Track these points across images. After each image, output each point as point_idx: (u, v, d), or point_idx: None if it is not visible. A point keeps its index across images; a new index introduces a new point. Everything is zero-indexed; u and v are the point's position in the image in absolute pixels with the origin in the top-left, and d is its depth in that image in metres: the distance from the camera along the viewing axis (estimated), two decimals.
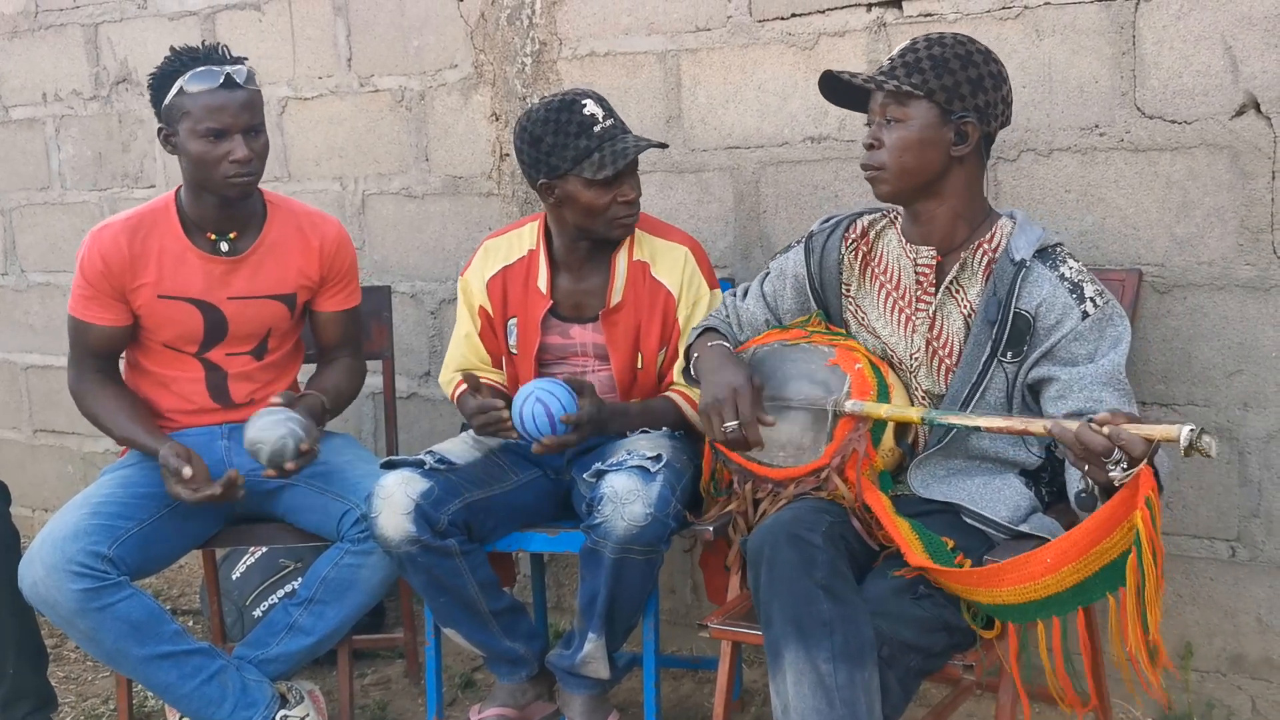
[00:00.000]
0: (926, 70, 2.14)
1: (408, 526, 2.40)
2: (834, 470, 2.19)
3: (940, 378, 2.23)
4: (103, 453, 4.12)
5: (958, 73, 2.14)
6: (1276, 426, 2.49)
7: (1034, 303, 2.13)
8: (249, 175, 2.57)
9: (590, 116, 2.51)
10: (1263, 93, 2.40)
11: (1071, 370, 2.10)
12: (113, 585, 2.43)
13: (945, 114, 2.14)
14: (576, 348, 2.68)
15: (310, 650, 2.66)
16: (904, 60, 2.16)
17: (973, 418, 2.07)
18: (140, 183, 3.96)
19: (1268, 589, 2.55)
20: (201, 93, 2.53)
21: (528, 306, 2.67)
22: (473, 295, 2.74)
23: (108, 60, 3.95)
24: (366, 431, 3.64)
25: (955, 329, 2.22)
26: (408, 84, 3.42)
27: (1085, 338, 2.10)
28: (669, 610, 3.21)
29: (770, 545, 2.06)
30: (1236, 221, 2.46)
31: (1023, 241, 2.17)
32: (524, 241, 2.71)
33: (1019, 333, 2.14)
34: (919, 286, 2.24)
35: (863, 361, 2.23)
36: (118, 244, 2.63)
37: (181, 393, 2.75)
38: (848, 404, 2.18)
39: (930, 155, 2.16)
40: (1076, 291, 2.12)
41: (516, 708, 2.66)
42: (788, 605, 1.99)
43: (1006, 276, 2.14)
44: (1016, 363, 2.16)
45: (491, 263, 2.72)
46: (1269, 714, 2.60)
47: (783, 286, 2.43)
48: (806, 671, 1.94)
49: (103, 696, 3.18)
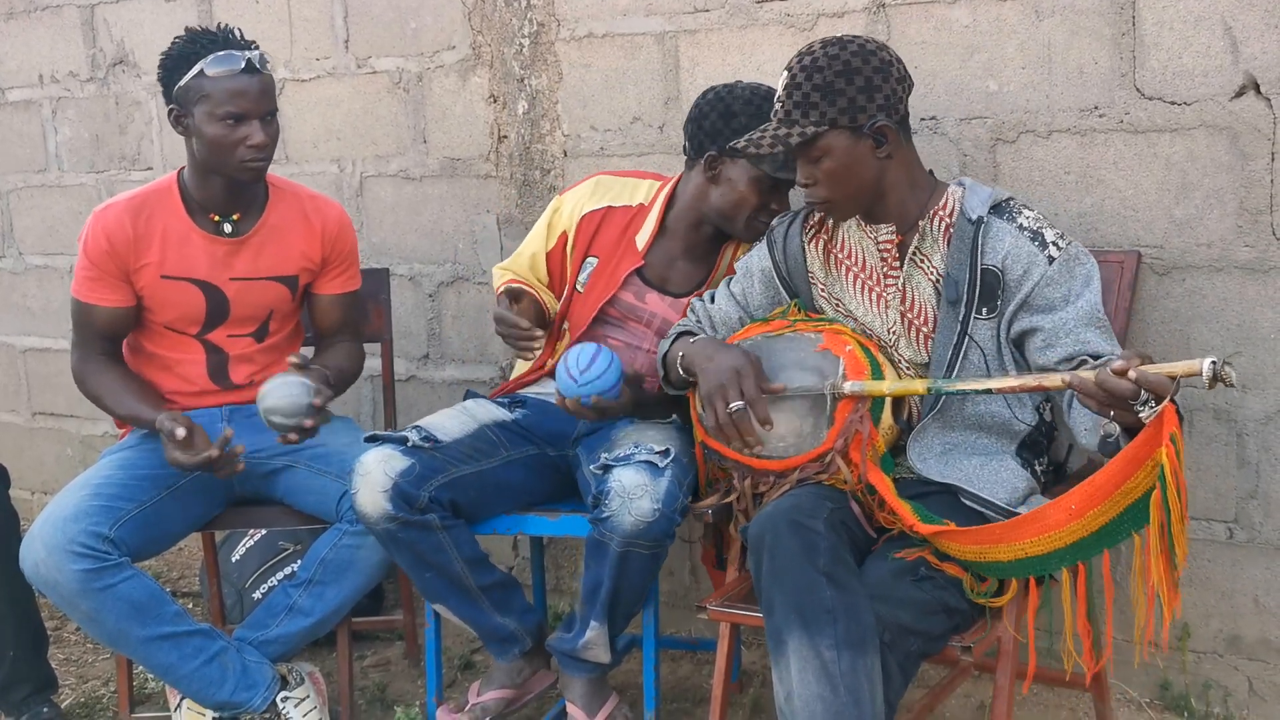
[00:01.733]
0: (818, 102, 2.15)
1: (384, 504, 2.40)
2: (838, 453, 2.18)
3: (921, 346, 2.25)
4: (101, 435, 4.13)
5: (847, 89, 2.14)
6: (1274, 408, 2.49)
7: (999, 256, 2.16)
8: (263, 160, 2.59)
9: None
10: (1262, 74, 2.40)
11: (1051, 316, 2.12)
12: (114, 566, 2.43)
13: (855, 130, 2.16)
14: (645, 315, 2.64)
15: (310, 631, 2.67)
16: (794, 101, 2.17)
17: (982, 380, 2.07)
18: (138, 165, 3.95)
19: (1265, 570, 2.56)
20: (223, 76, 2.53)
21: (617, 256, 2.63)
22: (562, 216, 2.70)
23: (104, 42, 3.94)
24: (365, 414, 3.64)
25: (926, 297, 2.24)
26: (405, 66, 3.41)
27: (1056, 281, 2.13)
28: (668, 592, 3.21)
29: (771, 532, 2.06)
30: (1236, 203, 2.46)
31: (975, 201, 2.21)
32: (638, 193, 2.68)
33: (989, 288, 2.17)
34: (884, 264, 2.27)
35: (852, 343, 2.23)
36: (122, 223, 2.63)
37: (183, 374, 2.75)
38: (847, 385, 2.17)
39: (862, 171, 2.19)
40: (1038, 239, 2.16)
41: (514, 686, 2.67)
42: (790, 593, 1.99)
43: (966, 236, 2.18)
44: (994, 319, 2.18)
45: (598, 197, 2.68)
46: (1265, 694, 2.61)
47: (750, 284, 2.44)
48: (810, 659, 1.94)
49: (103, 679, 3.19)
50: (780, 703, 1.99)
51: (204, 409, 2.73)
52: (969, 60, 2.66)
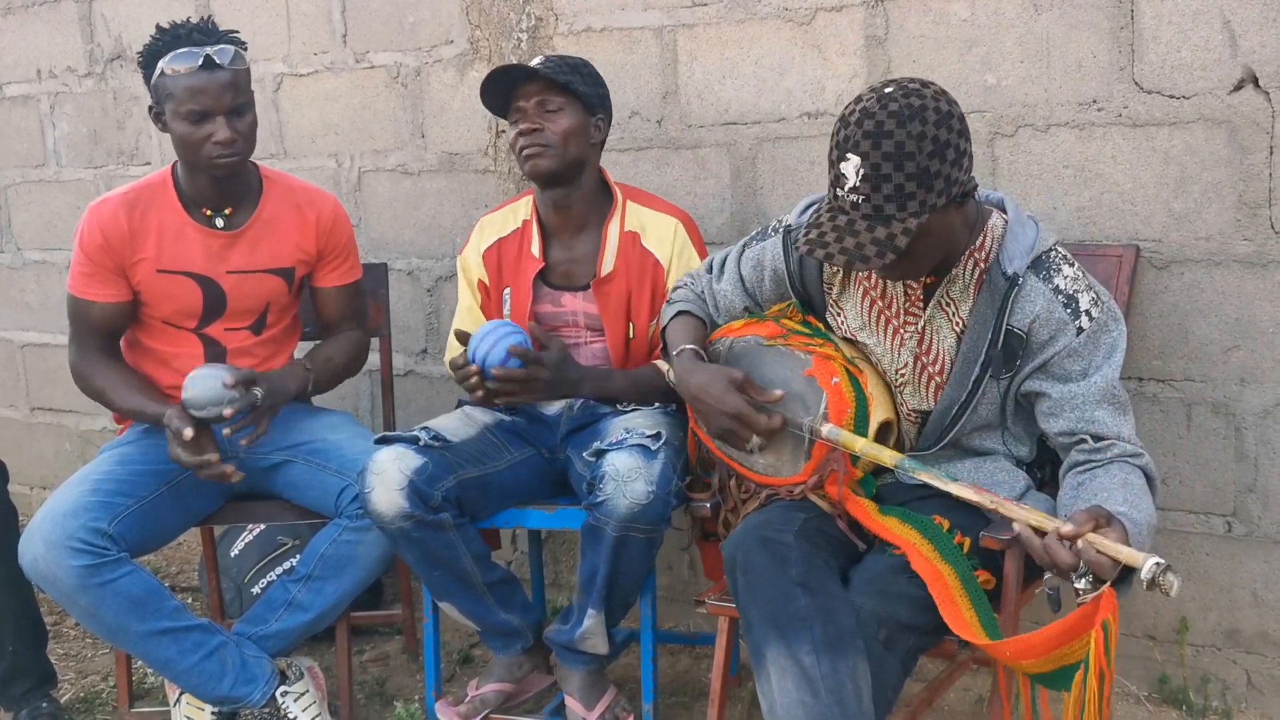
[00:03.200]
0: (915, 192, 1.91)
1: (401, 502, 2.41)
2: (809, 490, 2.19)
3: (929, 394, 2.18)
4: (100, 430, 4.13)
5: (942, 169, 1.92)
6: (1273, 402, 2.49)
7: (1027, 319, 2.05)
8: (233, 155, 2.56)
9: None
10: (1261, 67, 2.39)
11: (1064, 387, 2.04)
12: (113, 561, 2.43)
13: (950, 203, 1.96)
14: (568, 316, 2.69)
15: (309, 626, 2.67)
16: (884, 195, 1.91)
17: (945, 482, 2.00)
18: (136, 160, 3.95)
19: (1263, 564, 2.56)
20: (181, 74, 2.51)
21: (520, 273, 2.69)
22: (471, 270, 2.78)
23: (102, 37, 3.93)
24: (364, 409, 3.64)
25: (946, 345, 2.14)
26: (403, 60, 3.41)
27: (1079, 354, 2.03)
28: (666, 586, 3.22)
29: (742, 552, 2.06)
30: (1234, 197, 2.46)
31: (1016, 250, 2.06)
32: (519, 214, 2.75)
33: (1011, 350, 2.07)
34: (908, 300, 2.16)
35: (840, 375, 2.16)
36: (117, 218, 2.63)
37: (181, 369, 2.73)
38: (824, 429, 2.12)
39: (950, 236, 2.03)
40: (1071, 305, 2.04)
41: (513, 681, 2.68)
42: (764, 606, 1.99)
43: (999, 293, 2.05)
44: (1008, 378, 2.11)
45: (487, 236, 2.77)
46: (1264, 688, 2.61)
47: (761, 277, 2.37)
48: (789, 667, 1.93)
49: (102, 673, 3.19)
50: (766, 715, 1.97)
51: None
52: (967, 54, 2.66)
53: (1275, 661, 2.59)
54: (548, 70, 2.54)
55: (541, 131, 2.56)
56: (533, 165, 2.58)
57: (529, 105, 2.57)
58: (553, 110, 2.57)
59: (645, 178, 3.07)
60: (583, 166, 2.63)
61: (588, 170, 2.65)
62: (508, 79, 2.58)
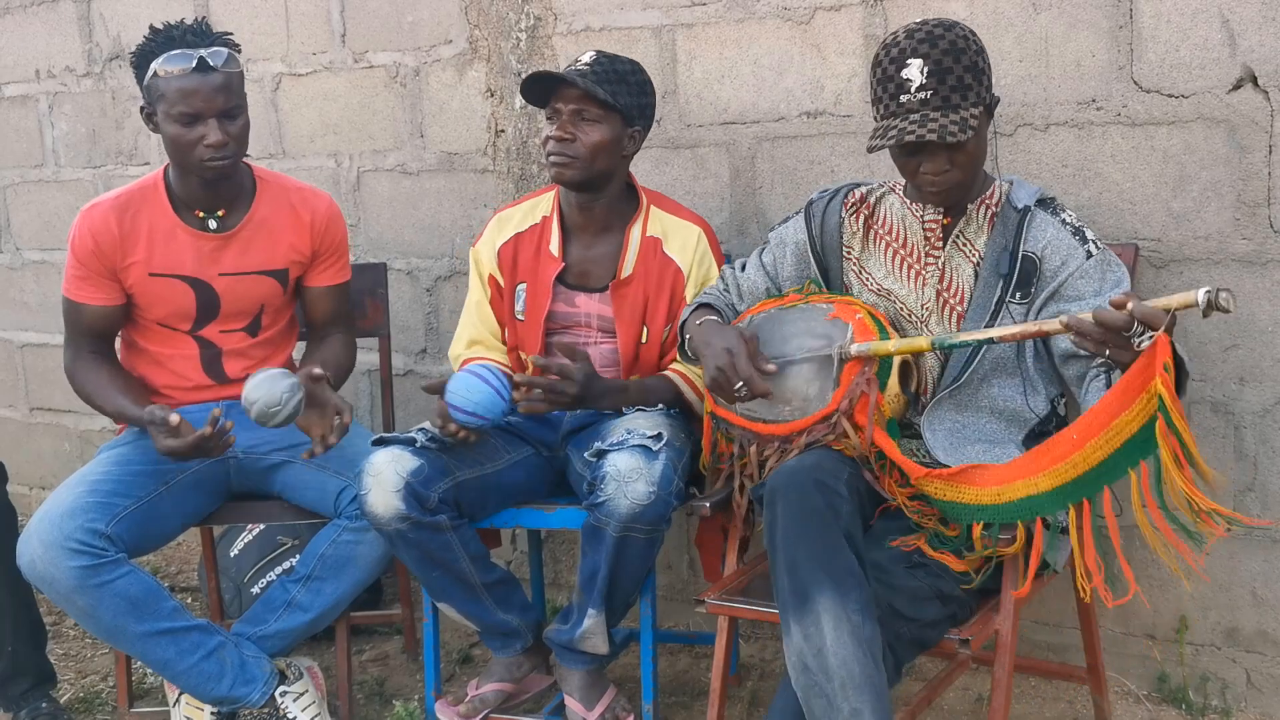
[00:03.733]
0: (972, 84, 2.13)
1: (398, 504, 2.41)
2: (843, 415, 2.19)
3: (951, 325, 2.28)
4: (99, 430, 4.13)
5: (985, 68, 2.16)
6: (1272, 400, 2.49)
7: (1040, 244, 2.21)
8: (224, 158, 2.55)
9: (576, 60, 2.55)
10: (1260, 66, 2.39)
11: (1080, 304, 2.14)
12: (110, 562, 2.43)
13: (989, 113, 2.19)
14: (581, 318, 2.68)
15: (308, 627, 2.67)
16: (950, 86, 2.11)
17: (984, 331, 2.10)
18: (135, 160, 3.95)
19: (1262, 562, 2.56)
20: (173, 76, 2.51)
21: (538, 271, 2.68)
22: (483, 264, 2.75)
23: (100, 36, 3.93)
24: (363, 409, 3.64)
25: (965, 278, 2.27)
26: (402, 60, 3.41)
27: (1090, 275, 2.17)
28: (666, 586, 3.22)
29: (795, 488, 2.03)
30: (1233, 196, 2.45)
31: (1023, 194, 2.26)
32: (538, 210, 2.72)
33: (1026, 274, 2.21)
34: (927, 243, 2.30)
35: (862, 312, 2.26)
36: (107, 222, 2.63)
37: (176, 370, 2.75)
38: (853, 347, 2.19)
39: (985, 149, 2.23)
40: (1079, 234, 2.21)
41: (513, 681, 2.68)
42: (816, 549, 1.97)
43: (1012, 222, 2.23)
44: (1025, 304, 2.21)
45: (504, 231, 2.74)
46: (1263, 686, 2.61)
47: (783, 254, 2.46)
48: (844, 620, 1.92)
49: (102, 673, 3.19)
50: (806, 659, 1.93)
51: (200, 404, 2.73)
52: None
53: (1274, 660, 2.59)
54: (590, 81, 2.50)
55: (572, 142, 2.53)
56: (558, 173, 2.57)
57: (566, 109, 2.54)
58: (589, 120, 2.54)
59: (645, 178, 3.06)
60: (610, 176, 2.62)
61: (615, 178, 2.64)
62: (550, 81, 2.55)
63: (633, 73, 2.59)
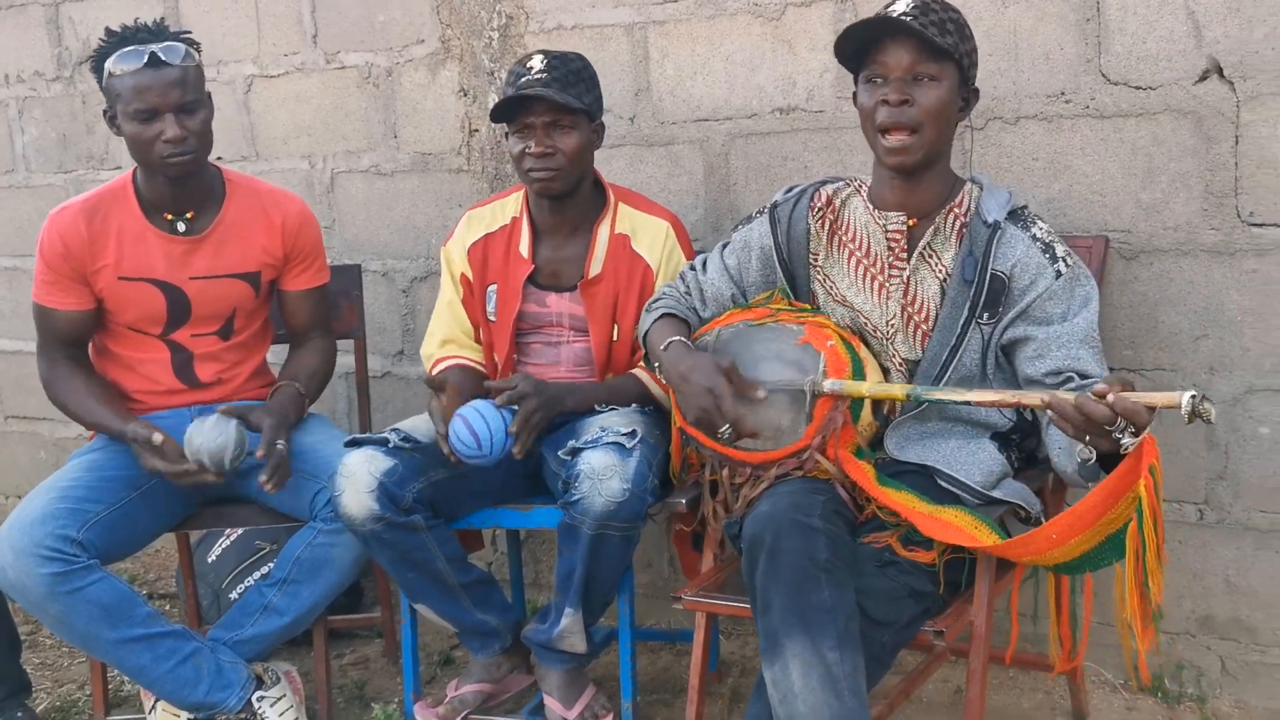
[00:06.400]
0: (953, 32, 2.11)
1: (371, 505, 2.40)
2: (815, 450, 2.18)
3: (916, 343, 2.23)
4: (74, 438, 4.10)
5: (970, 40, 2.15)
6: (1242, 390, 2.51)
7: (1009, 263, 2.15)
8: (185, 154, 2.54)
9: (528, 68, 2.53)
10: (1225, 57, 2.41)
11: (1048, 329, 2.12)
12: (82, 569, 2.42)
13: (964, 81, 2.15)
14: (553, 317, 2.68)
15: (285, 631, 2.66)
16: (932, 18, 2.09)
17: (960, 392, 2.07)
18: (106, 164, 3.92)
19: (1235, 550, 2.58)
20: (127, 74, 2.50)
21: (508, 272, 2.68)
22: (454, 264, 2.75)
23: (70, 40, 3.91)
24: (340, 411, 3.63)
25: (931, 294, 2.21)
26: (374, 60, 3.40)
27: (1059, 297, 2.13)
28: (646, 584, 3.22)
29: (772, 533, 2.03)
30: (1201, 186, 2.47)
31: (993, 204, 2.19)
32: (507, 210, 2.72)
33: (995, 294, 2.15)
34: (890, 253, 2.24)
35: (834, 338, 2.22)
36: (76, 226, 2.61)
37: (148, 374, 2.73)
38: (826, 384, 2.16)
39: (947, 122, 2.16)
40: (1049, 251, 2.15)
41: (493, 681, 2.68)
42: (790, 593, 1.97)
43: (981, 238, 2.16)
44: (992, 323, 2.17)
45: (474, 230, 2.73)
46: (1238, 674, 2.63)
47: (748, 259, 2.41)
48: (814, 664, 1.92)
49: (78, 682, 3.17)
50: (775, 703, 1.96)
51: (172, 409, 2.72)
52: None
53: (1248, 647, 2.61)
54: (556, 90, 2.48)
55: (553, 155, 2.52)
56: (544, 187, 2.56)
57: (539, 123, 2.52)
58: (563, 128, 2.53)
59: (618, 175, 3.07)
60: (586, 176, 2.63)
61: (587, 177, 2.65)
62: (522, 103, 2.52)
63: (584, 67, 2.59)
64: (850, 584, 2.00)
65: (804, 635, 1.93)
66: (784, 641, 1.95)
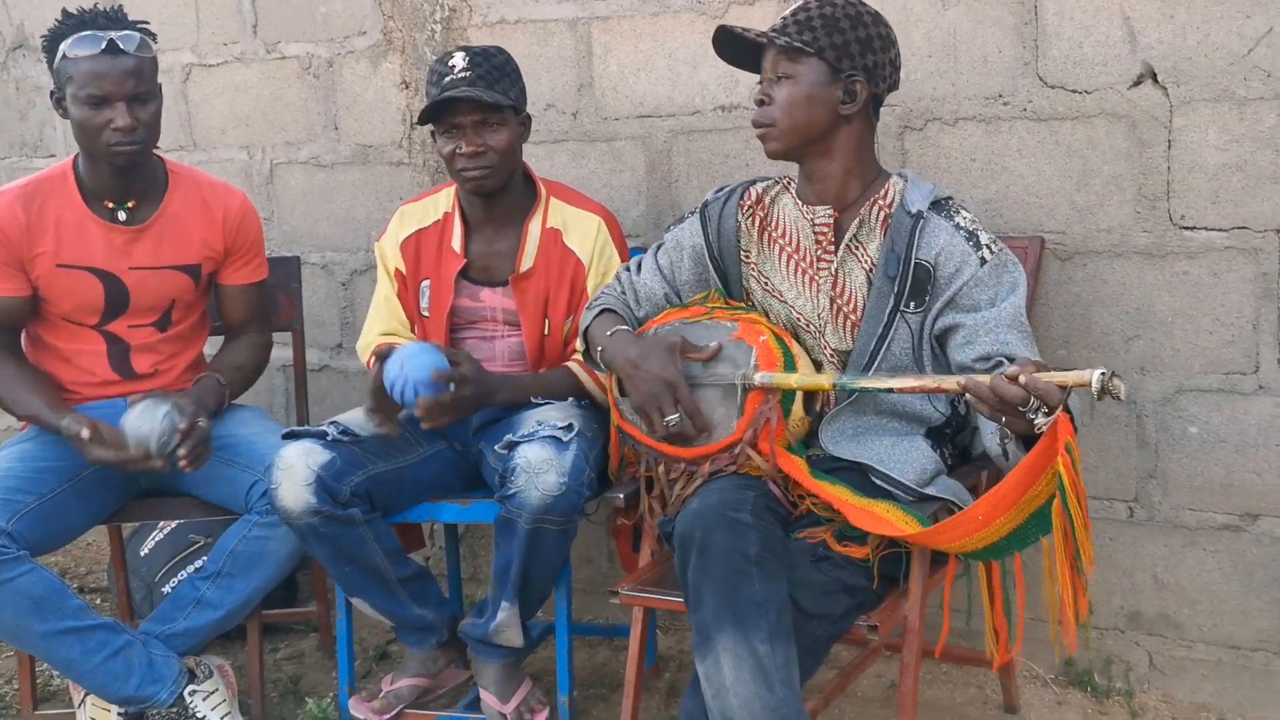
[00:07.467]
0: (817, 28, 2.17)
1: (308, 498, 2.38)
2: (747, 444, 2.19)
3: (847, 334, 2.25)
4: (3, 429, 4.02)
5: (847, 32, 2.18)
6: (1171, 390, 2.56)
7: (933, 252, 2.17)
8: (133, 144, 2.51)
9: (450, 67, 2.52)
10: (1159, 63, 2.45)
11: (975, 316, 2.14)
12: (11, 560, 2.37)
13: (835, 72, 2.18)
14: (486, 311, 2.67)
15: (218, 624, 2.63)
16: (795, 19, 2.20)
17: (884, 380, 2.09)
18: (40, 152, 3.86)
19: (1163, 548, 2.63)
20: (82, 58, 2.47)
21: (440, 267, 2.67)
22: (388, 259, 2.74)
23: (3, 25, 3.84)
24: (278, 404, 3.59)
25: (858, 285, 2.24)
26: (315, 51, 3.37)
27: (985, 283, 2.15)
28: (585, 579, 3.22)
29: (702, 529, 2.04)
30: (1134, 190, 2.51)
31: (916, 195, 2.22)
32: (439, 205, 2.72)
33: (919, 283, 2.18)
34: (819, 246, 2.27)
35: (767, 334, 2.23)
36: (13, 212, 2.57)
37: (83, 365, 2.69)
38: (757, 377, 2.18)
39: (819, 112, 2.19)
40: (973, 239, 2.17)
41: (429, 676, 2.66)
42: (721, 589, 1.98)
43: (904, 228, 2.19)
44: (920, 313, 2.19)
45: (406, 225, 2.73)
46: (1165, 668, 2.68)
47: (680, 258, 2.42)
48: (745, 657, 1.93)
49: (5, 676, 3.12)
50: (709, 699, 1.96)
51: (106, 400, 2.68)
52: None
53: (1175, 643, 2.66)
54: (483, 88, 2.48)
55: (484, 154, 2.52)
56: (477, 185, 2.55)
57: (468, 122, 2.51)
58: (492, 125, 2.52)
59: (561, 170, 3.07)
60: (516, 171, 2.63)
61: (518, 171, 2.64)
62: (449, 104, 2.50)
63: (507, 61, 2.59)
64: (782, 577, 2.01)
65: (735, 629, 1.94)
66: (715, 636, 1.96)
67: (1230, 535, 2.56)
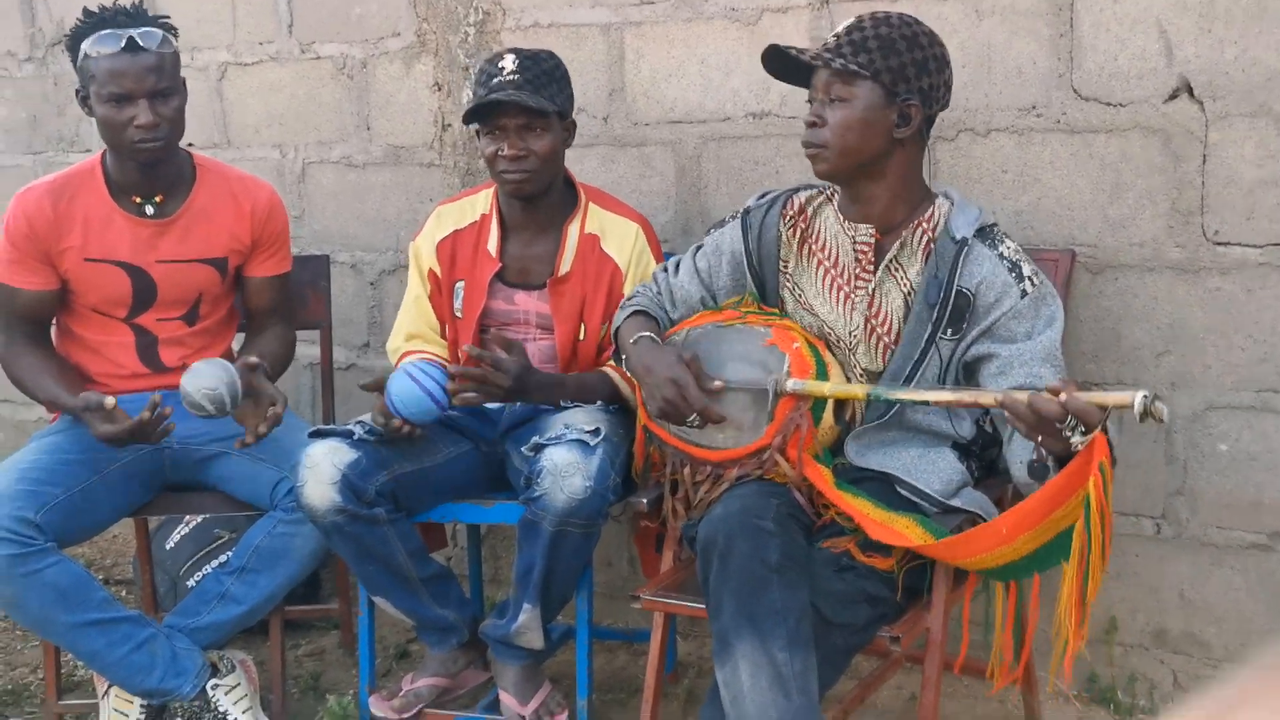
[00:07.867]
0: (873, 50, 2.14)
1: (333, 496, 2.39)
2: (776, 450, 2.18)
3: (879, 356, 2.24)
4: (35, 421, 4.06)
5: (904, 54, 2.14)
6: (1202, 406, 2.53)
7: (975, 280, 2.15)
8: (156, 141, 2.53)
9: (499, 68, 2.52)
10: (1195, 77, 2.44)
11: (1011, 347, 2.12)
12: (39, 551, 2.39)
13: (890, 95, 2.14)
14: (520, 315, 2.68)
15: (241, 619, 2.64)
16: (850, 39, 2.16)
17: (920, 392, 2.08)
18: (75, 146, 3.89)
19: (1190, 565, 2.61)
20: (103, 56, 2.49)
21: (475, 269, 2.67)
22: (422, 259, 2.74)
23: (43, 21, 3.87)
24: (305, 402, 3.61)
25: (895, 307, 2.22)
26: (349, 52, 3.39)
27: (1024, 316, 2.13)
28: (605, 583, 3.21)
29: (724, 536, 2.04)
30: (1168, 204, 2.50)
31: (962, 221, 2.19)
32: (477, 207, 2.71)
33: (959, 310, 2.15)
34: (858, 264, 2.25)
35: (800, 340, 2.23)
36: (42, 206, 2.59)
37: (112, 358, 2.71)
38: (789, 383, 2.17)
39: (872, 136, 2.16)
40: (1015, 270, 2.15)
41: (449, 676, 2.67)
42: (740, 595, 1.97)
43: (948, 254, 2.16)
44: (954, 340, 2.17)
45: (443, 226, 2.72)
46: (1190, 687, 2.65)
47: (719, 263, 2.41)
48: (763, 665, 1.92)
49: (31, 666, 3.14)
50: (726, 705, 1.96)
51: (136, 393, 2.69)
52: None
53: (1201, 661, 2.63)
54: (529, 93, 2.48)
55: (526, 158, 2.51)
56: (517, 188, 2.55)
57: (512, 124, 2.51)
58: (536, 129, 2.52)
59: (590, 175, 3.07)
60: (558, 176, 2.63)
61: (559, 176, 2.64)
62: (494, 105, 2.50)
63: (557, 66, 2.59)
64: (803, 585, 2.00)
65: (753, 636, 1.94)
66: (734, 643, 1.96)
67: (1259, 554, 2.54)
